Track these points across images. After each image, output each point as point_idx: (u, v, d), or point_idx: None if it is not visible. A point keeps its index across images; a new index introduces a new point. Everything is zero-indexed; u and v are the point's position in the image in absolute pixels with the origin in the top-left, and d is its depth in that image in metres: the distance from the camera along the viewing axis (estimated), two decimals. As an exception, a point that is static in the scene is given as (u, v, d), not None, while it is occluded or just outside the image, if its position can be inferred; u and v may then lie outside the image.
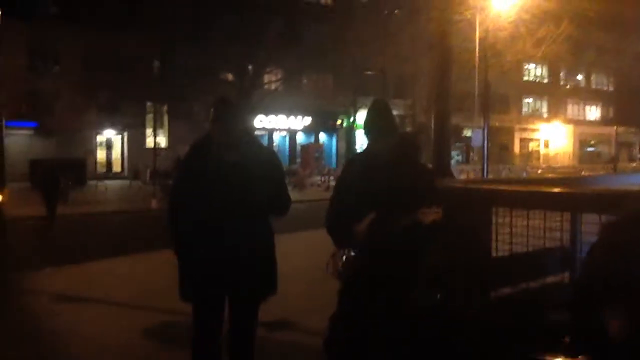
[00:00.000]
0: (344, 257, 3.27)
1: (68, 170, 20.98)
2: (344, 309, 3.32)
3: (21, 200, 18.42)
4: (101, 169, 32.75)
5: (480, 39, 18.61)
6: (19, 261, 7.95)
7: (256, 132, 34.85)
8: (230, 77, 31.91)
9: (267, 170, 3.32)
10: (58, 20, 29.41)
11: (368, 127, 3.26)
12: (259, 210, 3.31)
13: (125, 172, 32.78)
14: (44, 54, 31.04)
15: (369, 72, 34.30)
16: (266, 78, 32.93)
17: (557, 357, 1.94)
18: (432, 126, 6.69)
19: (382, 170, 3.16)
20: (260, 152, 3.44)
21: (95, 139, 33.25)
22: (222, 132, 3.24)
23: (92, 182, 26.87)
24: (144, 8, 26.06)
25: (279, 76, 33.18)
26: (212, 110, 3.31)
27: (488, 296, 4.40)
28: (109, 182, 27.04)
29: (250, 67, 30.87)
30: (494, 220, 5.50)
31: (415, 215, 2.83)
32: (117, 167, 34.20)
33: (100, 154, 33.57)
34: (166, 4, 25.56)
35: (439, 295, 3.13)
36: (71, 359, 4.66)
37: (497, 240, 4.85)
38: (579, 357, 1.89)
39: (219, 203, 3.21)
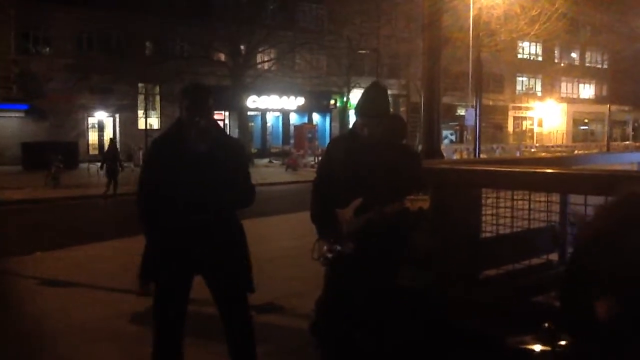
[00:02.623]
0: (329, 244, 3.23)
1: (60, 152, 20.83)
2: (330, 293, 3.30)
3: (13, 184, 18.34)
4: (93, 152, 32.51)
5: (474, 18, 18.45)
6: (8, 245, 7.89)
7: (249, 113, 34.70)
8: (222, 57, 31.67)
9: (234, 160, 3.27)
10: (49, 1, 28.97)
11: (362, 108, 3.19)
12: (227, 199, 3.23)
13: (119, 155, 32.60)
14: (35, 36, 30.67)
15: (362, 52, 34.07)
16: (259, 58, 32.72)
17: (537, 342, 1.90)
18: (422, 106, 6.61)
19: (369, 153, 3.11)
20: (227, 141, 3.39)
21: (87, 121, 32.99)
22: (193, 117, 3.16)
23: (83, 165, 26.72)
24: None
25: (272, 56, 32.96)
26: (184, 94, 3.22)
27: (476, 278, 4.40)
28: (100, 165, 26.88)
29: (242, 47, 30.62)
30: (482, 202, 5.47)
31: (402, 203, 2.79)
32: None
33: (92, 136, 33.32)
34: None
35: (422, 277, 3.12)
36: (59, 344, 4.63)
37: (484, 222, 4.85)
38: (560, 341, 1.86)
39: (187, 192, 3.16)
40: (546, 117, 51.69)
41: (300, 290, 5.52)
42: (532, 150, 39.94)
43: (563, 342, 1.88)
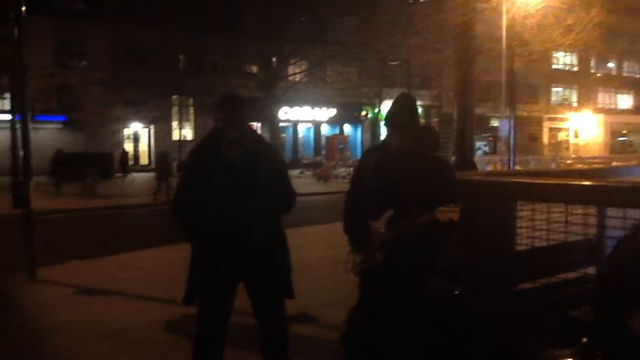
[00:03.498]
0: (361, 256, 3.24)
1: (96, 163, 21.32)
2: (361, 304, 3.30)
3: (50, 194, 18.79)
4: (129, 162, 33.16)
5: (506, 28, 18.23)
6: (47, 253, 8.09)
7: (281, 124, 34.90)
8: (254, 69, 31.98)
9: (271, 166, 3.31)
10: (85, 16, 29.80)
11: (391, 120, 3.20)
12: (266, 206, 3.29)
13: (152, 165, 33.16)
14: (71, 50, 31.56)
15: (393, 63, 33.98)
16: (290, 70, 32.92)
17: (574, 357, 1.87)
18: (455, 116, 6.56)
19: (400, 164, 3.11)
20: (264, 148, 3.42)
21: (123, 132, 33.69)
22: (227, 128, 3.23)
23: (119, 175, 27.24)
24: (170, 1, 26.24)
25: (304, 68, 33.15)
26: (217, 106, 3.30)
27: (509, 291, 4.33)
28: (136, 175, 27.37)
29: (274, 59, 30.89)
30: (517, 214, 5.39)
31: (433, 213, 2.78)
32: (144, 160, 34.66)
33: (128, 148, 34.00)
34: (191, -3, 25.71)
35: (456, 290, 3.09)
36: (94, 351, 4.72)
37: (519, 235, 4.77)
38: (597, 358, 1.83)
39: (225, 199, 3.22)
40: (582, 128, 50.68)
41: (331, 301, 5.52)
42: (568, 162, 39.11)
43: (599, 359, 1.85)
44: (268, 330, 3.45)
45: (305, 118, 37.87)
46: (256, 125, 34.67)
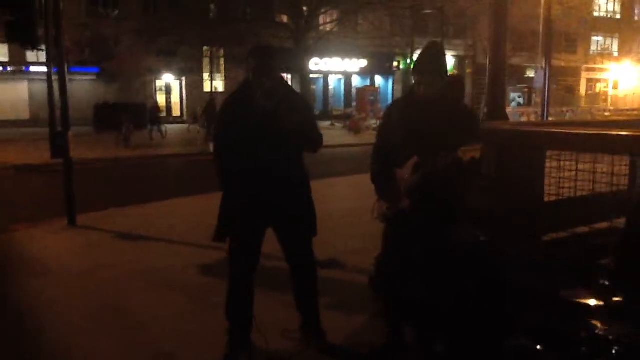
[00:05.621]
0: (388, 203, 3.33)
1: (129, 114, 21.66)
2: (388, 250, 3.41)
3: (86, 144, 19.24)
4: (161, 113, 33.52)
5: (545, -27, 17.54)
6: (85, 201, 8.39)
7: (311, 76, 34.66)
8: (285, 19, 31.60)
9: (300, 113, 3.39)
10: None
11: (417, 66, 3.22)
12: (295, 151, 3.47)
13: (184, 117, 33.49)
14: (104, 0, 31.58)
15: (427, 11, 33.13)
16: (321, 19, 32.42)
17: (591, 297, 1.95)
18: (488, 67, 6.44)
19: (425, 111, 3.15)
20: (293, 97, 3.53)
21: (155, 83, 33.94)
22: (261, 77, 3.31)
23: (151, 129, 27.60)
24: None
25: (334, 17, 32.59)
26: (250, 56, 3.37)
27: (539, 239, 4.38)
28: (168, 126, 27.70)
29: (305, 8, 30.43)
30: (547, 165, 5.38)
31: (455, 154, 2.84)
32: (176, 112, 34.97)
33: (160, 99, 34.32)
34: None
35: (480, 235, 3.16)
36: (132, 291, 4.97)
37: (549, 185, 4.78)
38: (615, 297, 1.90)
39: (258, 147, 3.36)
40: (622, 79, 48.98)
41: (360, 248, 5.66)
42: (606, 114, 38.07)
43: (618, 298, 1.92)
44: (298, 269, 3.63)
45: (335, 69, 37.46)
46: (287, 77, 34.54)
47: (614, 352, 1.82)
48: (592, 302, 1.95)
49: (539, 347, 2.12)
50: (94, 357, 3.73)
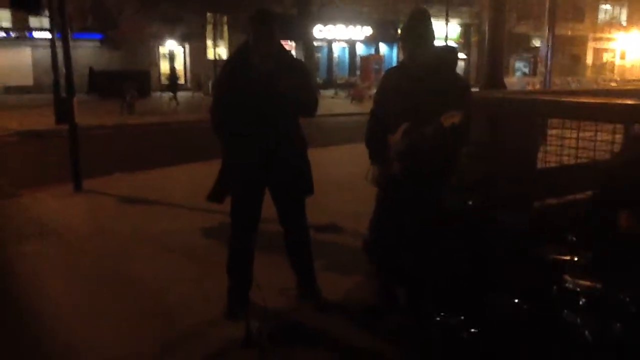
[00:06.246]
0: (380, 167, 3.47)
1: (133, 81, 21.68)
2: (379, 213, 3.55)
3: (89, 111, 19.33)
4: (164, 80, 33.46)
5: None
6: (91, 166, 8.54)
7: (315, 43, 34.40)
8: (289, -15, 31.26)
9: (298, 77, 3.50)
10: None
11: (406, 37, 3.29)
12: (291, 113, 3.59)
13: (188, 84, 33.43)
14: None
15: (433, -22, 32.64)
16: (326, -14, 32.07)
17: (563, 254, 2.09)
18: (487, 32, 6.48)
19: (417, 81, 3.25)
20: (291, 61, 3.65)
21: (158, 50, 33.78)
22: (261, 42, 3.40)
23: (155, 94, 27.65)
24: None
25: (339, -17, 32.22)
26: (250, 21, 3.46)
27: (528, 205, 4.52)
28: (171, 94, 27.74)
29: (309, -26, 30.05)
30: (546, 132, 5.48)
31: (437, 121, 2.95)
32: (180, 79, 34.84)
33: (164, 66, 34.20)
34: None
35: (470, 201, 3.29)
36: (137, 254, 5.15)
37: (548, 152, 4.89)
38: (583, 251, 2.04)
39: (256, 108, 3.48)
40: (630, 49, 48.41)
41: (356, 212, 5.79)
42: (612, 84, 37.79)
43: (585, 253, 2.06)
44: (292, 230, 3.78)
45: (340, 37, 37.15)
46: (290, 44, 34.32)
47: (580, 303, 1.98)
48: (564, 258, 2.09)
49: (516, 300, 2.27)
50: (97, 318, 3.90)
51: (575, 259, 2.06)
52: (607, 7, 47.30)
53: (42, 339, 3.61)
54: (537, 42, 37.30)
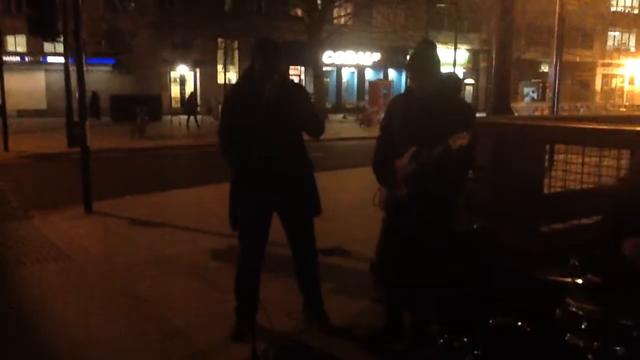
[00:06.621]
0: (387, 191, 3.51)
1: (144, 105, 21.96)
2: (386, 235, 3.58)
3: (103, 134, 19.58)
4: (175, 105, 33.88)
5: (560, -32, 17.47)
6: (102, 189, 8.64)
7: (324, 68, 34.76)
8: (299, 12, 31.71)
9: (301, 104, 3.59)
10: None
11: (412, 66, 3.37)
12: (298, 137, 3.67)
13: (198, 108, 33.80)
14: (120, -8, 31.88)
15: (441, 5, 33.08)
16: (335, 12, 32.48)
17: (568, 277, 2.11)
18: (494, 60, 6.58)
19: (422, 107, 3.31)
20: (294, 88, 3.74)
21: (170, 75, 34.26)
22: (264, 71, 3.49)
23: (166, 117, 27.96)
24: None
25: (349, 10, 32.64)
26: (254, 49, 3.54)
27: (535, 229, 4.53)
28: (182, 117, 28.05)
29: (319, 1, 30.50)
30: (554, 157, 5.52)
31: (446, 142, 3.01)
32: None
33: (174, 90, 34.62)
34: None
35: (475, 224, 3.32)
36: (148, 275, 5.19)
37: (554, 178, 4.92)
38: (586, 275, 2.06)
39: (263, 132, 3.55)
40: (638, 74, 48.50)
41: (364, 237, 5.82)
42: (621, 109, 37.79)
43: (592, 276, 2.08)
44: (300, 251, 3.82)
45: (349, 62, 37.53)
46: (300, 69, 34.69)
47: (583, 327, 1.99)
48: (567, 280, 2.11)
49: (520, 323, 2.29)
50: (107, 337, 3.94)
51: (579, 282, 2.08)
52: (616, 33, 47.52)
53: (51, 358, 3.64)
54: (546, 68, 37.45)
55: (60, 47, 19.19)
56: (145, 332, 3.98)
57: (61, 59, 18.46)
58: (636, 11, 46.68)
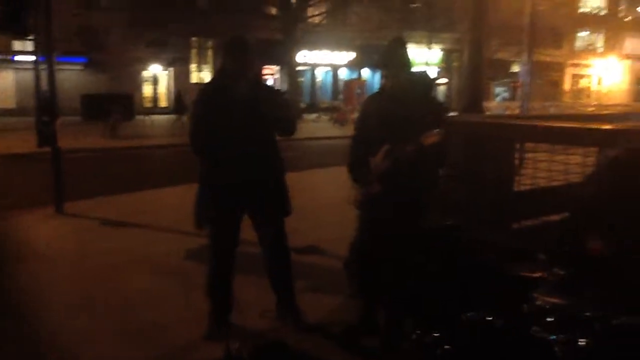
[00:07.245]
0: (361, 189, 3.55)
1: (117, 104, 21.69)
2: (360, 232, 3.62)
3: (74, 133, 19.27)
4: (148, 104, 33.48)
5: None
6: (73, 189, 8.52)
7: (299, 68, 34.76)
8: (274, 11, 31.64)
9: (273, 98, 3.64)
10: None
11: (384, 63, 3.41)
12: (270, 135, 3.69)
13: (171, 107, 33.49)
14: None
15: (415, 5, 33.32)
16: (310, 11, 32.49)
17: (535, 272, 2.17)
18: (467, 60, 6.66)
19: (395, 105, 3.35)
20: (265, 87, 3.81)
21: (142, 74, 33.87)
22: (241, 70, 3.50)
23: (139, 117, 27.63)
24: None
25: (323, 9, 32.69)
26: (225, 47, 3.55)
27: (506, 225, 4.62)
28: (155, 117, 27.77)
29: (294, 0, 30.50)
30: (524, 156, 5.61)
31: (418, 140, 3.06)
32: (163, 102, 34.92)
33: (147, 89, 34.22)
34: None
35: (449, 221, 3.38)
36: (122, 276, 5.15)
37: (523, 175, 5.01)
38: (553, 270, 2.12)
39: (234, 131, 3.56)
40: (606, 75, 49.54)
41: (338, 235, 5.83)
42: (589, 109, 38.56)
43: (557, 270, 2.14)
44: (271, 249, 3.82)
45: (323, 62, 37.56)
46: (274, 68, 34.62)
47: (548, 320, 2.05)
48: (535, 275, 2.17)
49: (489, 318, 2.34)
50: (84, 337, 3.90)
51: (546, 276, 2.14)
52: (585, 34, 48.44)
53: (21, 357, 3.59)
54: (517, 68, 37.99)
55: (29, 46, 18.84)
56: (117, 332, 3.95)
57: (31, 57, 18.12)
58: (603, 12, 47.66)
